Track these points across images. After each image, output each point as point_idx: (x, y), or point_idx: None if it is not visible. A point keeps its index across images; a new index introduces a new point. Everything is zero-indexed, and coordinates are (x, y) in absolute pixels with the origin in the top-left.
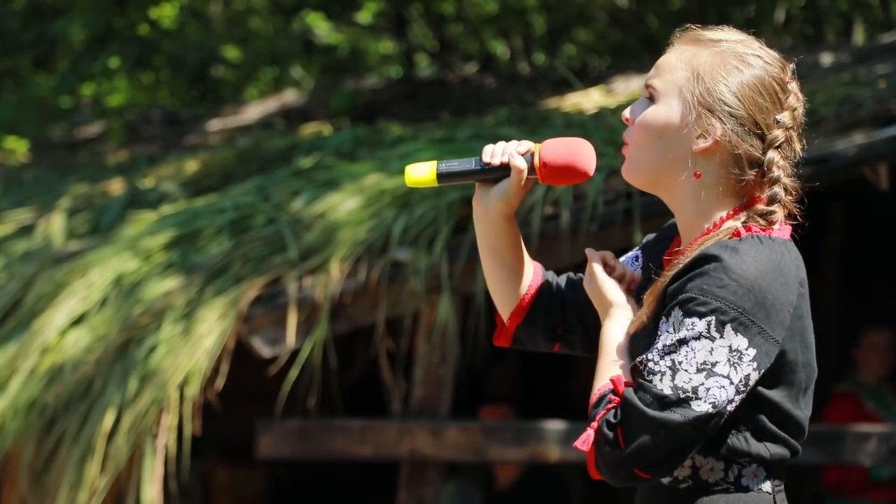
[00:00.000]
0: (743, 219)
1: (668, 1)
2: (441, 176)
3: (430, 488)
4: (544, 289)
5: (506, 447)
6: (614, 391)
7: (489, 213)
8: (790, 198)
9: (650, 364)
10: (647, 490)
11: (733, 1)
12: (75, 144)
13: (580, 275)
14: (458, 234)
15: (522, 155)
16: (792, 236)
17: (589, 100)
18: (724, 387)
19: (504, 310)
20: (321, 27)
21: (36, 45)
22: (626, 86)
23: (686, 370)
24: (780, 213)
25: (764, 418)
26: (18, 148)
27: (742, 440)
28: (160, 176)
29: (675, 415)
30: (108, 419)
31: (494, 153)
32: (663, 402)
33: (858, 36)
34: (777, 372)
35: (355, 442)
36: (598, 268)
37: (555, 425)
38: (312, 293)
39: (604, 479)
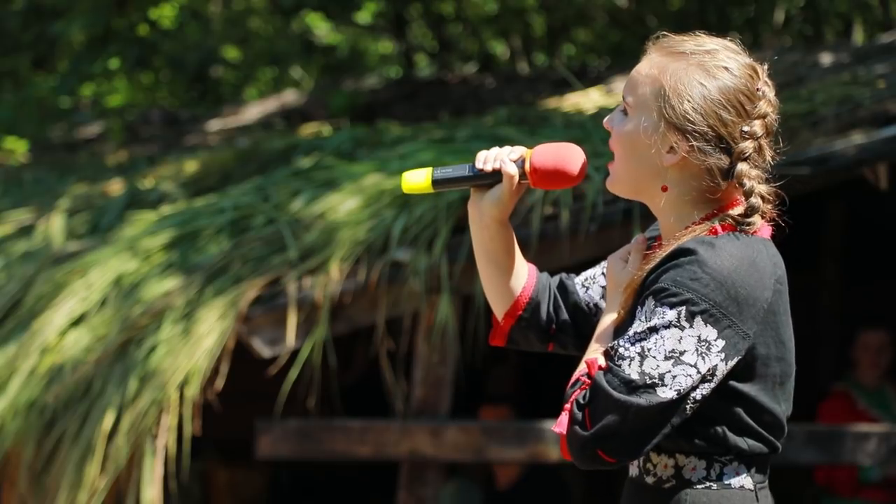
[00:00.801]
0: (720, 218)
1: (668, 1)
2: (436, 182)
3: (430, 488)
4: (538, 290)
5: (506, 447)
6: (588, 374)
7: (484, 217)
8: (768, 205)
9: (620, 349)
10: (632, 490)
11: (733, 1)
12: (75, 145)
13: (572, 275)
14: (457, 235)
15: (514, 161)
16: (773, 236)
17: (588, 100)
18: (690, 375)
19: (499, 310)
20: (321, 27)
21: (36, 45)
22: None
23: (654, 357)
24: (757, 222)
25: (740, 411)
26: (18, 148)
27: (720, 433)
28: (160, 176)
29: (641, 399)
30: (108, 419)
31: (487, 159)
32: (630, 386)
33: (858, 36)
34: (750, 366)
35: (355, 442)
36: (638, 258)
37: None
38: (312, 293)
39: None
